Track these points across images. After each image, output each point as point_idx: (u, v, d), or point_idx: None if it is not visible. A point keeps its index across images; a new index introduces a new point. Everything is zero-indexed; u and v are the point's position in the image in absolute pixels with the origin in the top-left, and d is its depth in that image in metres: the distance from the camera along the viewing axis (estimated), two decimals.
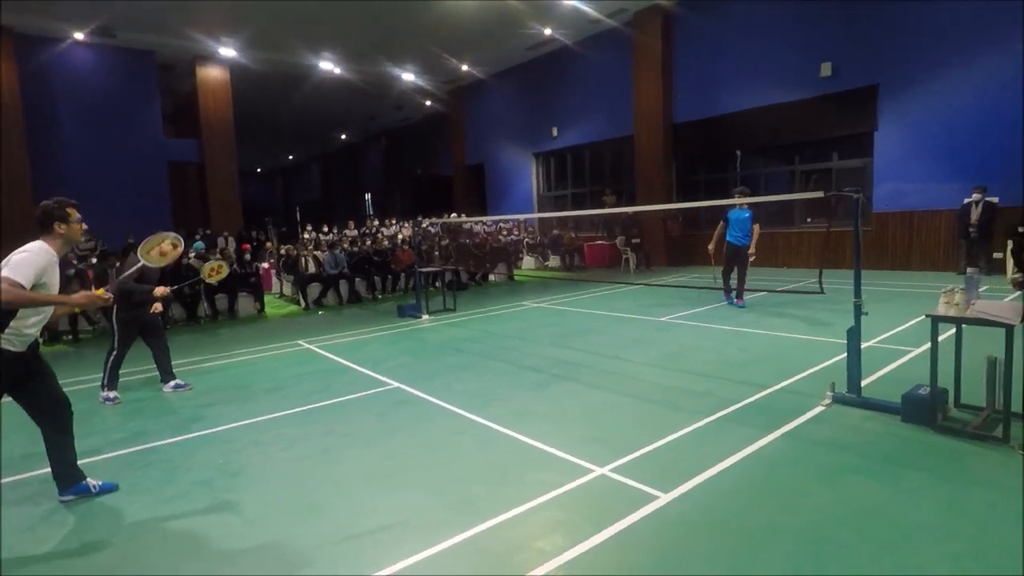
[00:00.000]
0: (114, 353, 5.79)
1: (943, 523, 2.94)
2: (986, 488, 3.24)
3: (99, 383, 5.89)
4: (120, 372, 5.93)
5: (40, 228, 3.43)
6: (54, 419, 3.56)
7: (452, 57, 19.46)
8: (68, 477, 3.62)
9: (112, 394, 5.79)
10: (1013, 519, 2.91)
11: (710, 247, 9.49)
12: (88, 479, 3.69)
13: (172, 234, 4.82)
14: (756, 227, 9.05)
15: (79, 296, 3.45)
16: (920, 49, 11.61)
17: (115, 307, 5.67)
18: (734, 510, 3.16)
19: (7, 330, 3.23)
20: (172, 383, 6.14)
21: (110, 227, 15.49)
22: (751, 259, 9.08)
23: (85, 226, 3.59)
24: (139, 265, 4.75)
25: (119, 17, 15.00)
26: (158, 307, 6.00)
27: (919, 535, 2.83)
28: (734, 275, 9.21)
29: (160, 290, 5.75)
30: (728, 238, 9.14)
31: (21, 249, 3.27)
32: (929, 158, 11.82)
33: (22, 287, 3.09)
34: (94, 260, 12.67)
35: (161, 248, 4.72)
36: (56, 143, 16.44)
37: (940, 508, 3.08)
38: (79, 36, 16.24)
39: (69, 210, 3.47)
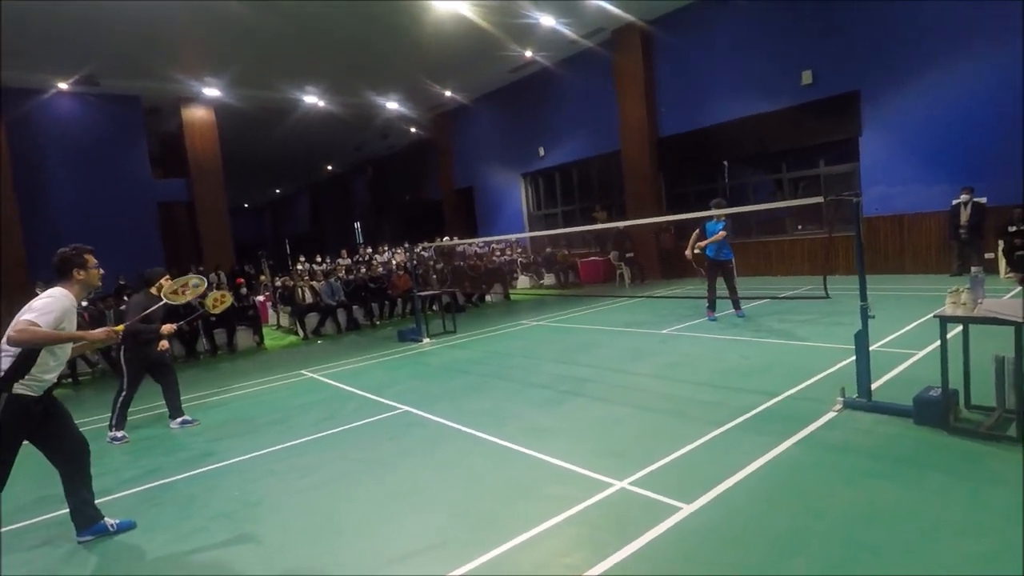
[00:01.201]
0: (123, 394, 5.78)
1: (967, 522, 2.94)
2: (1008, 487, 3.24)
3: (104, 423, 5.85)
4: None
5: (58, 275, 3.51)
6: (72, 459, 3.55)
7: (435, 84, 19.66)
8: (86, 517, 3.59)
9: (120, 434, 5.75)
10: None
11: (688, 254, 9.42)
12: (106, 518, 3.65)
13: (197, 276, 5.00)
14: (721, 232, 8.93)
15: (98, 332, 3.50)
16: (898, 54, 11.85)
17: (123, 348, 5.72)
18: (758, 517, 3.17)
19: (26, 377, 3.23)
20: (180, 419, 6.12)
21: (102, 270, 15.41)
22: (730, 269, 9.03)
23: (101, 271, 3.65)
24: (161, 304, 4.86)
25: (102, 66, 15.09)
26: (165, 344, 6.00)
27: (945, 535, 2.85)
28: (722, 289, 9.10)
29: (167, 328, 5.76)
30: (707, 251, 9.09)
31: (44, 295, 3.35)
32: (915, 161, 12.01)
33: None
34: (84, 303, 12.61)
35: (184, 286, 4.85)
36: (44, 191, 16.41)
37: (963, 508, 3.09)
38: (63, 86, 16.37)
39: (87, 256, 3.58)
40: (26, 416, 3.26)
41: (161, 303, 4.88)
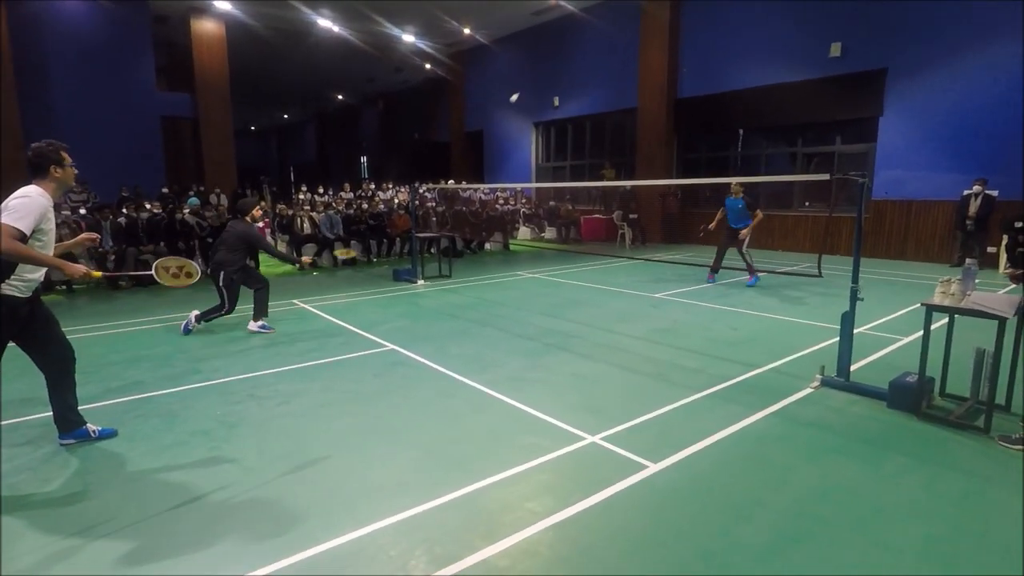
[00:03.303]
0: (226, 312, 6.64)
1: (919, 505, 3.03)
2: (963, 475, 3.34)
3: (94, 333, 5.93)
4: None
5: (34, 171, 3.38)
6: (57, 363, 3.59)
7: (454, 20, 19.05)
8: (68, 421, 3.67)
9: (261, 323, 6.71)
10: (986, 507, 3.02)
11: (711, 226, 9.88)
12: (88, 424, 3.74)
13: (190, 263, 5.50)
14: (758, 212, 9.56)
15: (74, 268, 3.47)
16: (932, 34, 11.49)
17: (222, 273, 6.51)
18: (720, 482, 3.26)
19: (12, 277, 3.23)
20: (259, 323, 6.70)
21: (101, 179, 15.30)
22: (743, 240, 9.40)
23: (76, 171, 3.57)
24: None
25: None
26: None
27: (896, 515, 2.93)
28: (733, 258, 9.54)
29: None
30: (730, 222, 9.69)
31: (18, 193, 3.25)
32: (932, 147, 11.80)
33: (24, 236, 3.11)
34: (83, 211, 12.57)
35: (181, 268, 5.35)
36: (47, 93, 16.13)
37: (917, 491, 3.17)
38: None
39: (63, 153, 3.44)
40: (12, 317, 3.29)
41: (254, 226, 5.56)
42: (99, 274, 3.79)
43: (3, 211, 3.14)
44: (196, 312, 6.59)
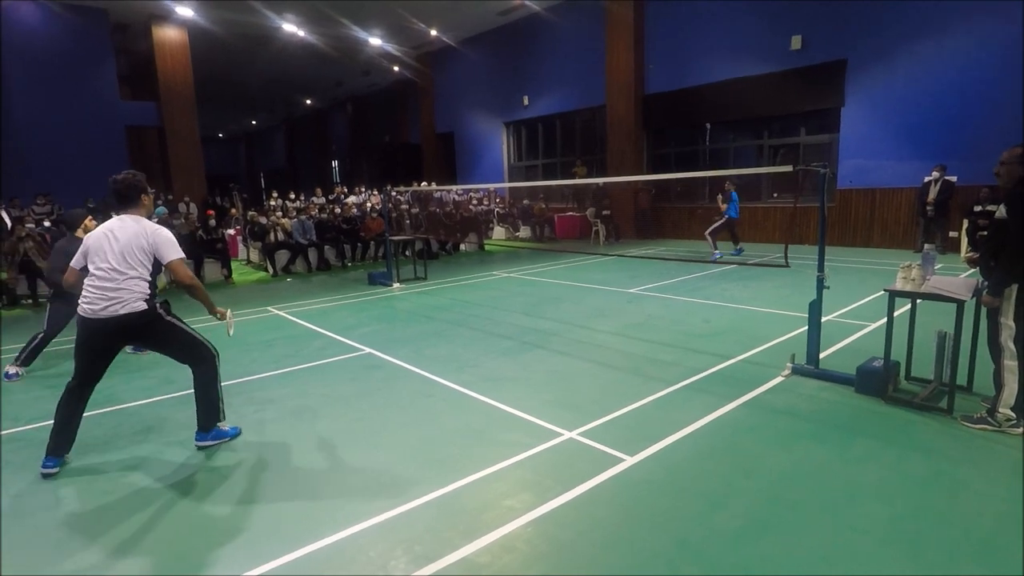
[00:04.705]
0: None
1: (885, 486, 3.12)
2: (927, 455, 3.45)
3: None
4: None
5: (124, 201, 3.60)
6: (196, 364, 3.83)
7: (420, 21, 18.99)
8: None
9: None
10: (950, 485, 3.12)
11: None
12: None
13: None
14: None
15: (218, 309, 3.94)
16: (889, 23, 11.75)
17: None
18: (695, 472, 3.32)
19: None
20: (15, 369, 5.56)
21: (66, 191, 14.95)
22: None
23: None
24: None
25: None
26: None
27: (863, 496, 3.02)
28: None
29: None
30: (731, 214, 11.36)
31: (156, 226, 3.59)
32: (893, 136, 12.10)
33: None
34: (47, 223, 12.28)
35: None
36: (6, 101, 15.69)
37: (884, 472, 3.26)
38: None
39: (144, 181, 3.69)
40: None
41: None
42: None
43: (170, 247, 3.55)
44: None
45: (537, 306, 7.99)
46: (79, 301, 3.47)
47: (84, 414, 3.62)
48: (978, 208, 10.37)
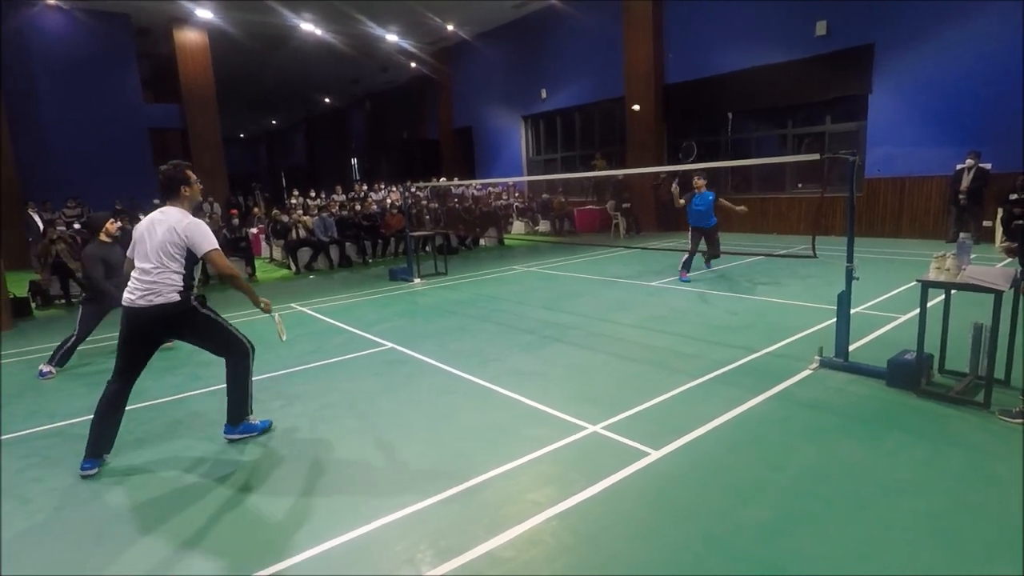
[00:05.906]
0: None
1: (920, 482, 3.03)
2: (964, 450, 3.34)
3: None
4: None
5: (166, 194, 3.67)
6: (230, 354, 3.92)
7: (437, 17, 18.98)
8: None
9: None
10: (986, 481, 3.02)
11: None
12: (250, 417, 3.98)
13: None
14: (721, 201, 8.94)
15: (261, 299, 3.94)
16: (917, 6, 11.45)
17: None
18: (722, 466, 3.27)
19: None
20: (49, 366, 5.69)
21: (94, 193, 15.26)
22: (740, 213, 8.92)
23: (201, 186, 3.80)
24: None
25: None
26: None
27: (897, 492, 2.94)
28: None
29: None
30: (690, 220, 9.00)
31: (191, 218, 3.60)
32: (923, 122, 11.77)
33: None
34: (77, 225, 12.53)
35: None
36: (35, 107, 16.09)
37: (918, 468, 3.17)
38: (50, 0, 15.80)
39: (188, 172, 3.71)
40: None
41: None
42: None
43: (204, 240, 3.54)
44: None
45: (558, 300, 7.95)
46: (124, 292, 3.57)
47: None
48: (1013, 196, 10.06)
